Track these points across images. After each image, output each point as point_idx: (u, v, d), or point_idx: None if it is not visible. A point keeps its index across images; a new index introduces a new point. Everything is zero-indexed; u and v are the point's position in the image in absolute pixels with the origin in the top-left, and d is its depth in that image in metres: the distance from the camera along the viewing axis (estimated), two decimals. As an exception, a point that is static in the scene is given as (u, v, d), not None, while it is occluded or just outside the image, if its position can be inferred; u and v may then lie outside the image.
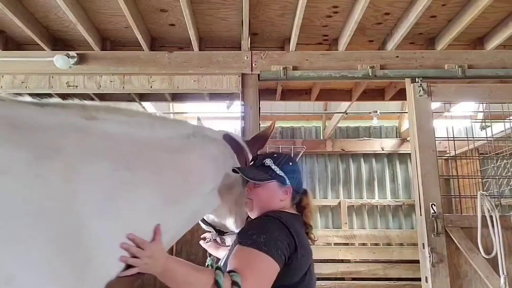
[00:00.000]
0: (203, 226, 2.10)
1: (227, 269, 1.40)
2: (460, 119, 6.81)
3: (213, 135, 1.89)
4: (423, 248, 3.14)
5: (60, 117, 1.28)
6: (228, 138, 1.95)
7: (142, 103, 5.33)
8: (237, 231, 1.90)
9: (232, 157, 1.89)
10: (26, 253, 0.99)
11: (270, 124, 2.27)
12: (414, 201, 3.50)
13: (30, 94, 4.65)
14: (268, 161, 1.72)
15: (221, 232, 2.05)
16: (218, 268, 1.36)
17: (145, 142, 1.46)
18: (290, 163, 1.75)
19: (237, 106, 5.44)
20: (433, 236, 3.10)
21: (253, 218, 1.73)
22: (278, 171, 1.70)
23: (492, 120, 3.96)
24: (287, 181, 1.71)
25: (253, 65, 3.55)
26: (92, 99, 4.78)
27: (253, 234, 1.48)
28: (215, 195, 1.76)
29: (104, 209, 1.19)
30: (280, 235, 1.50)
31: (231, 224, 1.98)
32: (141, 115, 1.67)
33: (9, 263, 0.96)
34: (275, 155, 1.78)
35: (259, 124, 3.54)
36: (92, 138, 1.30)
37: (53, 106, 1.33)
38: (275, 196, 1.69)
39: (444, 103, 3.73)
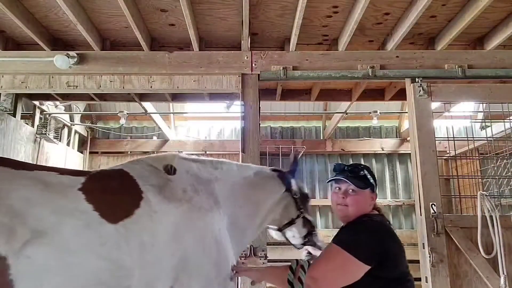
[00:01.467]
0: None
1: None
2: (460, 119, 6.81)
3: (269, 173, 2.32)
4: (423, 248, 3.14)
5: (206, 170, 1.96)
6: (279, 174, 2.34)
7: (142, 103, 5.33)
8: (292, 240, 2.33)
9: (281, 189, 2.26)
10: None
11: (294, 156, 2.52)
12: (414, 201, 3.49)
13: (30, 94, 4.67)
14: (366, 172, 1.97)
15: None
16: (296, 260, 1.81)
17: (242, 183, 2.09)
18: (373, 175, 2.03)
19: (237, 106, 5.45)
20: (433, 236, 3.10)
21: (345, 222, 1.92)
22: (372, 180, 1.96)
23: (492, 120, 3.96)
24: (375, 188, 1.98)
25: (253, 65, 3.55)
26: (92, 99, 4.79)
27: (341, 234, 1.81)
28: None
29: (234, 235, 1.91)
30: (369, 235, 1.74)
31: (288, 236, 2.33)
32: (228, 163, 2.17)
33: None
34: (365, 166, 2.05)
35: (259, 124, 3.54)
36: (223, 186, 1.96)
37: (203, 162, 2.00)
38: (368, 202, 1.93)
39: (444, 103, 3.73)
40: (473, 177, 5.63)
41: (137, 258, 1.42)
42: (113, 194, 1.54)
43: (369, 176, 1.96)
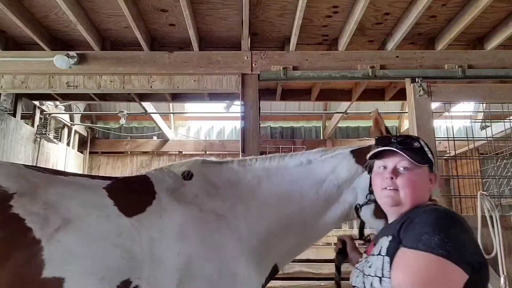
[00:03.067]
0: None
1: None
2: (460, 119, 6.81)
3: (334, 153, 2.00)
4: (423, 248, 3.13)
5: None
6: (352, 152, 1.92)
7: (142, 103, 5.33)
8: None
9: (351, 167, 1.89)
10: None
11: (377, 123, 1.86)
12: (414, 201, 3.48)
13: (30, 94, 4.68)
14: (421, 143, 1.45)
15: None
16: None
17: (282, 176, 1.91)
18: (430, 148, 1.50)
19: (237, 106, 5.45)
20: (433, 236, 3.09)
21: (395, 214, 1.44)
22: (430, 155, 1.43)
23: (492, 120, 3.96)
24: (434, 167, 1.45)
25: (253, 65, 3.55)
26: (92, 99, 4.79)
27: (420, 234, 1.20)
28: None
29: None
30: (465, 237, 1.22)
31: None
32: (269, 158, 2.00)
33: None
34: (418, 137, 1.52)
35: (259, 124, 3.54)
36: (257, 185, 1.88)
37: (228, 163, 1.93)
38: (427, 185, 1.43)
39: (444, 103, 3.73)
40: (473, 177, 5.63)
41: (147, 251, 1.53)
42: (130, 193, 1.71)
43: (426, 149, 1.44)
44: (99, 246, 1.49)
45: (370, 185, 1.65)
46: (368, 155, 1.52)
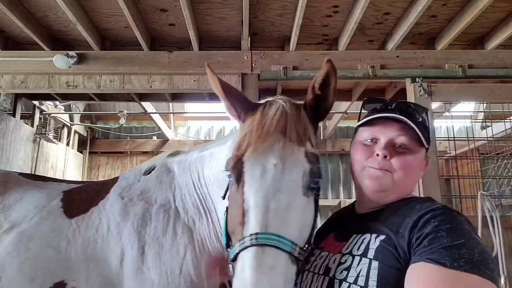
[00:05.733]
0: None
1: None
2: (460, 119, 6.80)
3: None
4: (424, 248, 3.12)
5: None
6: None
7: (142, 103, 5.33)
8: None
9: None
10: None
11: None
12: (414, 201, 3.48)
13: (30, 94, 4.67)
14: (424, 116, 1.18)
15: None
16: None
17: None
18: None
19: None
20: (433, 236, 3.08)
21: (376, 202, 1.16)
22: (430, 133, 1.18)
23: (492, 120, 3.95)
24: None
25: (253, 65, 3.54)
26: (92, 99, 4.79)
27: (456, 247, 0.90)
28: None
29: None
30: (476, 239, 0.98)
31: None
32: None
33: None
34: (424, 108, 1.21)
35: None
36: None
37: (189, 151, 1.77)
38: (420, 172, 1.18)
39: (444, 103, 3.72)
40: (474, 177, 5.62)
41: (81, 252, 1.50)
42: (86, 195, 1.70)
43: (427, 124, 1.18)
44: (34, 247, 1.50)
45: None
46: (358, 123, 1.27)
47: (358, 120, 1.26)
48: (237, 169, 1.10)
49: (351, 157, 1.25)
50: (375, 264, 1.00)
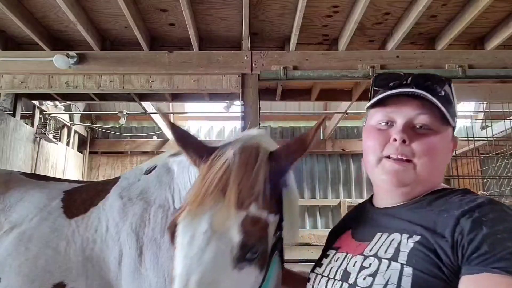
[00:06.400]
0: None
1: None
2: (460, 119, 6.80)
3: None
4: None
5: None
6: None
7: (142, 103, 5.33)
8: None
9: None
10: None
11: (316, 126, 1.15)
12: (414, 201, 3.47)
13: (30, 94, 4.67)
14: (447, 89, 0.98)
15: None
16: None
17: None
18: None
19: (237, 106, 5.45)
20: (433, 236, 3.08)
21: (397, 198, 1.00)
22: (457, 110, 1.01)
23: (492, 120, 3.95)
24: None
25: (253, 65, 3.54)
26: (92, 99, 4.79)
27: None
28: None
29: None
30: None
31: None
32: None
33: None
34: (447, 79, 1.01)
35: (259, 124, 3.53)
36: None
37: None
38: (449, 156, 1.00)
39: (445, 103, 3.71)
40: (474, 177, 5.62)
41: (80, 253, 1.48)
42: (88, 195, 1.67)
43: (452, 99, 0.99)
44: (34, 247, 1.49)
45: None
46: (368, 103, 1.05)
47: (369, 99, 1.04)
48: (171, 230, 1.02)
49: (363, 145, 1.06)
50: (408, 270, 0.82)
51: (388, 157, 0.95)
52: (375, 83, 1.06)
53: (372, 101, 1.01)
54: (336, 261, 1.01)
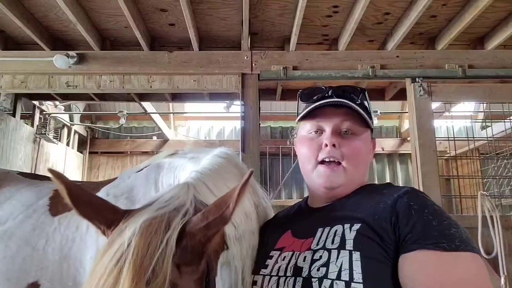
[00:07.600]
0: None
1: None
2: (460, 119, 6.81)
3: None
4: (424, 248, 3.12)
5: None
6: None
7: (142, 103, 5.33)
8: None
9: None
10: None
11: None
12: (414, 201, 3.47)
13: (30, 94, 4.67)
14: (361, 96, 1.14)
15: None
16: None
17: None
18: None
19: (237, 106, 5.45)
20: (433, 236, 3.08)
21: (326, 199, 1.11)
22: (373, 116, 1.16)
23: (492, 120, 3.95)
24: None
25: (253, 65, 3.54)
26: (92, 99, 4.79)
27: (447, 228, 0.88)
28: None
29: None
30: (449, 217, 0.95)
31: None
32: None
33: None
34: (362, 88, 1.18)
35: (259, 124, 3.54)
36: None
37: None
38: (369, 156, 1.15)
39: (444, 103, 3.72)
40: (474, 177, 5.62)
41: (58, 252, 1.43)
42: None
43: (367, 104, 1.17)
44: (13, 245, 1.44)
45: None
46: (298, 118, 1.19)
47: (297, 115, 1.21)
48: None
49: (298, 155, 1.19)
50: (356, 255, 0.89)
51: (322, 162, 1.08)
52: (301, 98, 1.21)
53: (302, 114, 1.15)
54: (283, 260, 1.03)
